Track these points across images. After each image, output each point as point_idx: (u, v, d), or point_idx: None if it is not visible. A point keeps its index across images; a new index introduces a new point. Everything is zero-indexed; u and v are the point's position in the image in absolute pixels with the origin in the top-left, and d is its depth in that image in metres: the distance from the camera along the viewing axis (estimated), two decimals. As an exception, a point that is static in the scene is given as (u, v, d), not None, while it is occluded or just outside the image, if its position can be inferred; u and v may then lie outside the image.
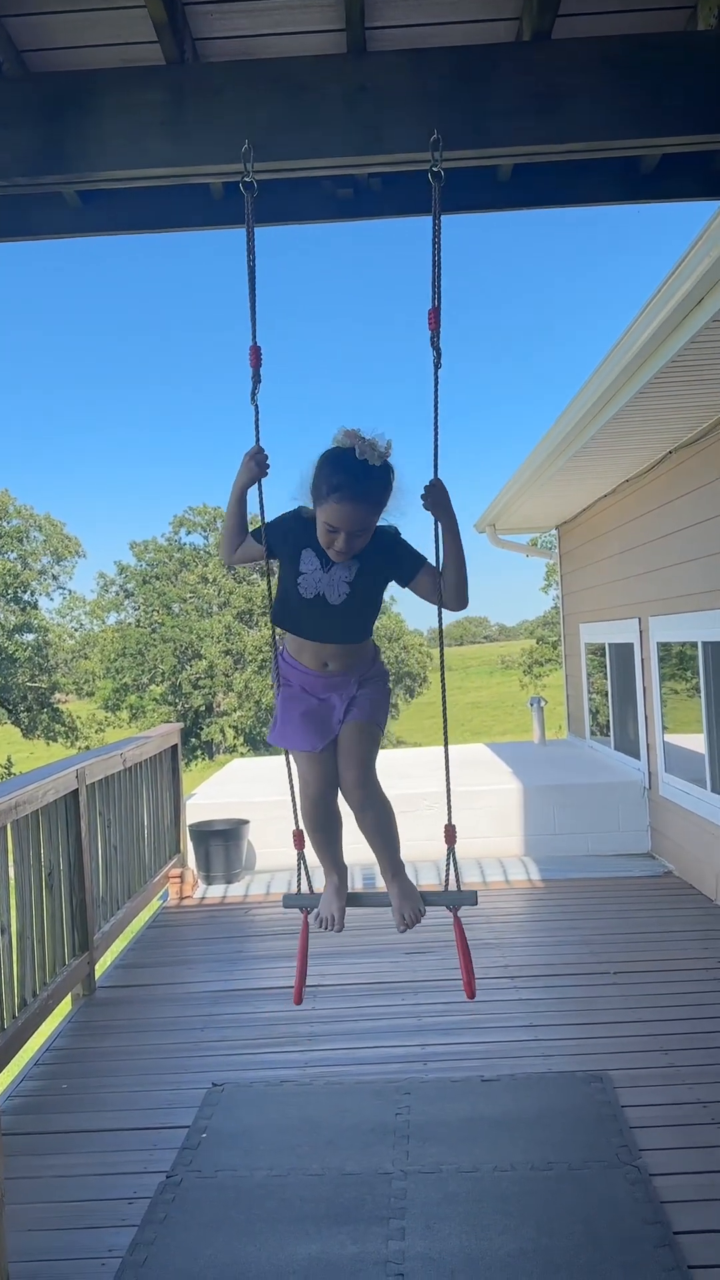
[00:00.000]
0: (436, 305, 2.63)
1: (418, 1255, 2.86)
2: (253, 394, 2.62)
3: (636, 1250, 2.83)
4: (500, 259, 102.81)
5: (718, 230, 3.56)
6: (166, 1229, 3.05)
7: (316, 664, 2.70)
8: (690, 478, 6.50)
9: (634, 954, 5.46)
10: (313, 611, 2.60)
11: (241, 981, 5.36)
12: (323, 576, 2.57)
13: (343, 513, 2.45)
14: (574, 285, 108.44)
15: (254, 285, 2.63)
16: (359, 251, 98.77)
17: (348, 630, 2.68)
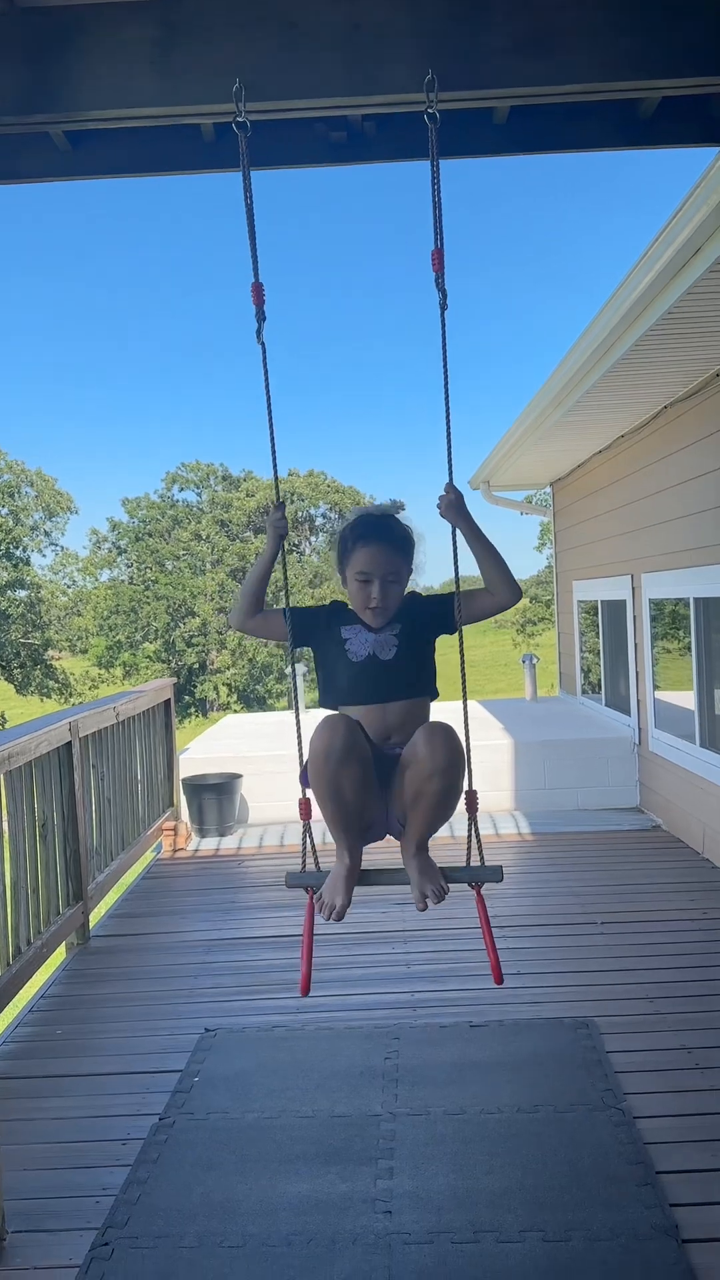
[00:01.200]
0: (439, 246, 2.59)
1: (405, 1194, 2.92)
2: (258, 332, 2.60)
3: (619, 1189, 2.90)
4: (492, 214, 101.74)
5: (716, 176, 3.51)
6: (159, 1168, 3.11)
7: (379, 738, 2.52)
8: (685, 433, 6.47)
9: (621, 905, 5.53)
10: (368, 673, 2.52)
11: (234, 931, 5.42)
12: (370, 637, 2.54)
13: (371, 555, 2.48)
14: (572, 240, 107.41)
15: (253, 224, 2.59)
16: (354, 203, 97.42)
17: (408, 685, 2.55)
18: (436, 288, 2.57)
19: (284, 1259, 2.65)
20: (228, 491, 41.36)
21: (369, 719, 2.51)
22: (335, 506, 41.71)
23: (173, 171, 3.46)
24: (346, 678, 2.54)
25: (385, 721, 2.53)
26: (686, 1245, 2.64)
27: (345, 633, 2.56)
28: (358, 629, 2.55)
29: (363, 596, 2.51)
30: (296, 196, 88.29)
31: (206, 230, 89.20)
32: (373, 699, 2.52)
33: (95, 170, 3.41)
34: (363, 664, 2.52)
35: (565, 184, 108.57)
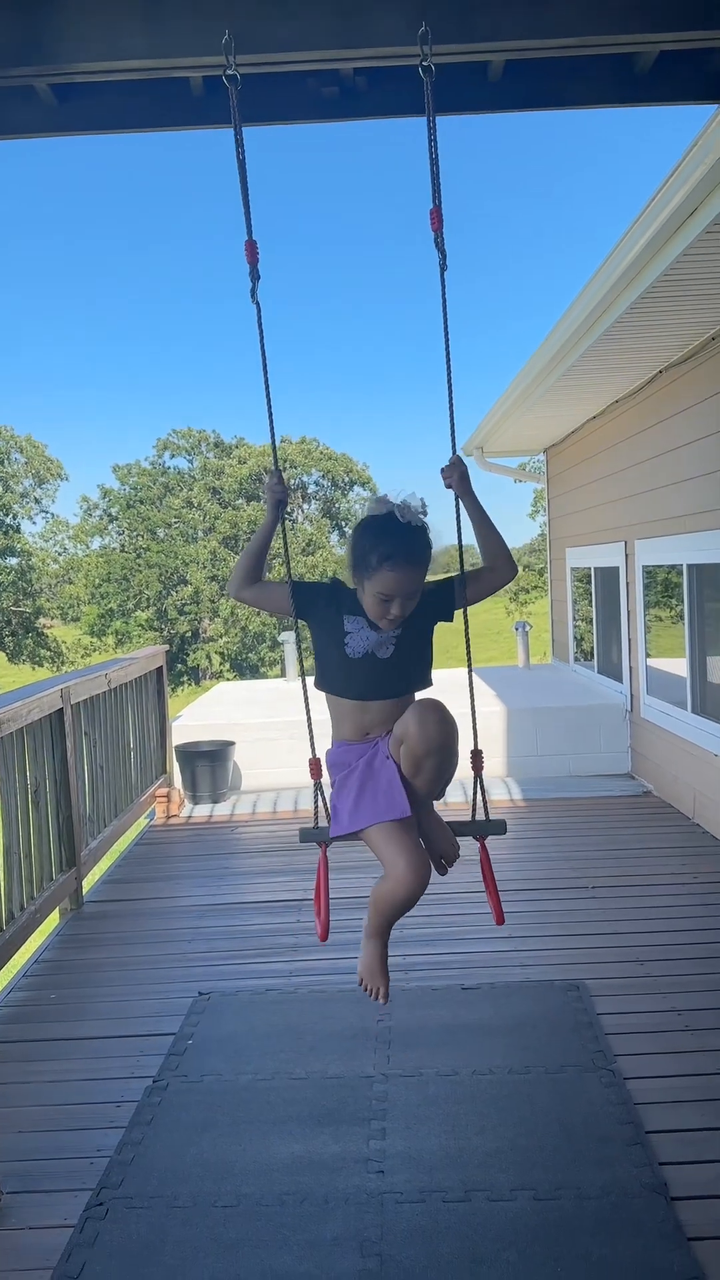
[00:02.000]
0: (438, 205, 2.54)
1: (398, 1154, 2.95)
2: (252, 291, 2.56)
3: (609, 1148, 2.93)
4: (488, 173, 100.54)
5: (714, 134, 3.45)
6: (153, 1130, 3.13)
7: (357, 733, 2.55)
8: (681, 398, 6.43)
9: (612, 870, 5.57)
10: (363, 670, 2.50)
11: (228, 896, 5.44)
12: (371, 635, 2.49)
13: (397, 580, 2.39)
14: (566, 202, 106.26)
15: (245, 181, 2.53)
16: (345, 158, 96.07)
17: (401, 683, 2.54)
18: (436, 248, 2.52)
19: (277, 1218, 2.68)
20: (219, 459, 41.08)
21: (353, 714, 2.54)
22: (328, 474, 41.50)
23: (162, 127, 3.40)
24: (341, 671, 2.52)
25: (370, 716, 2.54)
26: (675, 1203, 2.67)
27: (348, 624, 2.50)
28: (360, 622, 2.49)
29: (380, 611, 2.44)
30: (285, 157, 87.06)
31: (197, 190, 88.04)
32: (364, 696, 2.52)
33: (83, 125, 3.35)
34: (359, 661, 2.49)
35: (562, 142, 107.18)
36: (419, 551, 2.43)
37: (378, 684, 2.51)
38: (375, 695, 2.51)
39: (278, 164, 75.94)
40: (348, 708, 2.54)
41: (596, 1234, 2.56)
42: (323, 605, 2.55)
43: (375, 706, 2.52)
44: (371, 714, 2.53)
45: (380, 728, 2.53)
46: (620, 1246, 2.51)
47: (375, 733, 2.54)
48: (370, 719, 2.53)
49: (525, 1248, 2.52)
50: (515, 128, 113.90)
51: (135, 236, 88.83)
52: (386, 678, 2.51)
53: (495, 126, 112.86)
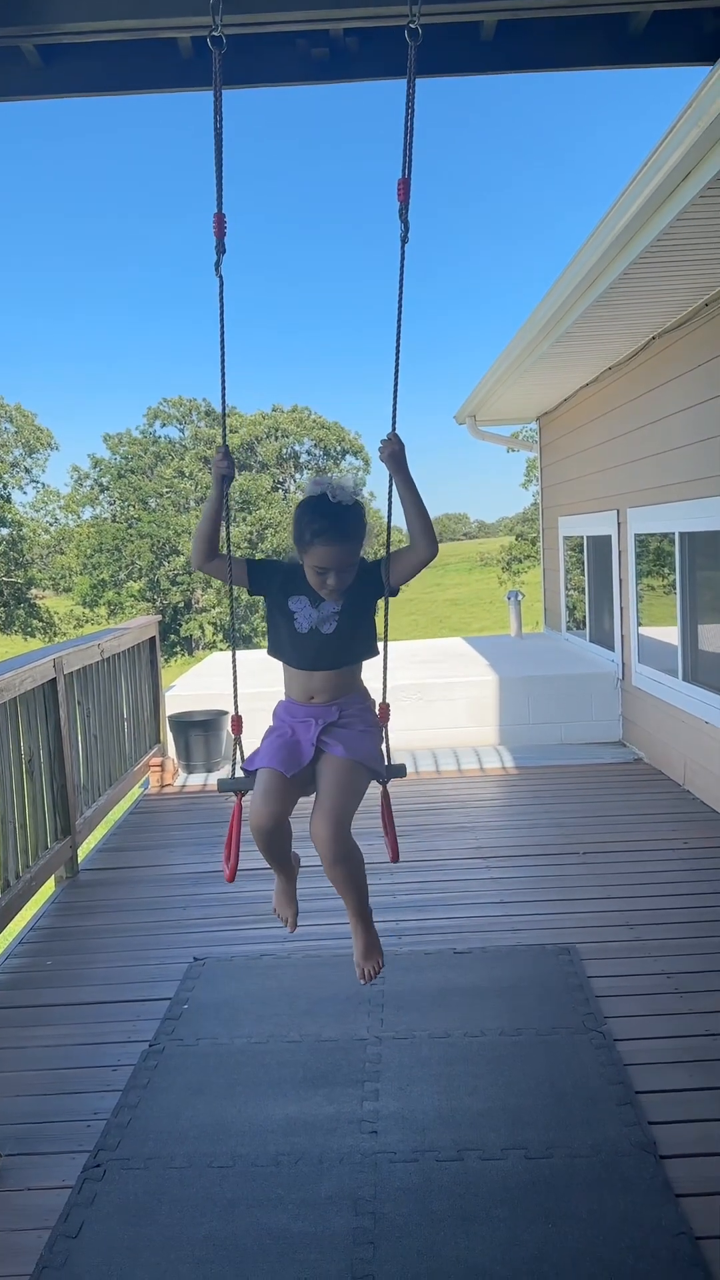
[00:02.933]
0: (407, 176, 2.53)
1: (391, 1114, 2.99)
2: (217, 265, 2.56)
3: (599, 1108, 2.98)
4: (486, 140, 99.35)
5: (708, 97, 3.42)
6: (150, 1093, 3.17)
7: (304, 696, 2.78)
8: (673, 364, 6.40)
9: (603, 836, 5.61)
10: (309, 644, 2.72)
11: (222, 863, 5.46)
12: (313, 613, 2.70)
13: (328, 554, 2.59)
14: (560, 170, 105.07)
15: (220, 150, 2.51)
16: (333, 110, 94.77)
17: (343, 655, 2.76)
18: (400, 219, 2.53)
19: (272, 1178, 2.72)
20: (211, 428, 40.86)
21: (299, 680, 2.78)
22: (320, 442, 41.32)
23: (150, 90, 3.36)
24: (289, 644, 2.75)
25: (313, 684, 2.76)
26: (664, 1160, 2.72)
27: (293, 605, 2.71)
28: (303, 601, 2.71)
29: (318, 583, 2.65)
30: (282, 117, 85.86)
31: (189, 155, 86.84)
32: (311, 666, 2.75)
33: (69, 88, 3.31)
34: (305, 636, 2.72)
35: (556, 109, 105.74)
36: (347, 528, 2.60)
37: (322, 656, 2.73)
38: (320, 666, 2.74)
39: (272, 130, 74.87)
40: (294, 674, 2.79)
41: (587, 1191, 2.61)
42: (275, 585, 2.75)
43: (320, 675, 2.75)
44: (316, 681, 2.76)
45: (323, 694, 2.76)
46: (610, 1203, 2.56)
47: (319, 698, 2.77)
48: (315, 685, 2.76)
49: (516, 1205, 2.57)
50: (514, 90, 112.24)
51: (125, 204, 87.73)
52: (330, 650, 2.73)
53: (494, 89, 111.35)
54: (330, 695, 2.77)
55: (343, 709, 2.78)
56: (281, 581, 2.74)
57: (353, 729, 2.77)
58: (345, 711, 2.78)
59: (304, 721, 2.77)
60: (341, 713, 2.77)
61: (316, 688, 2.77)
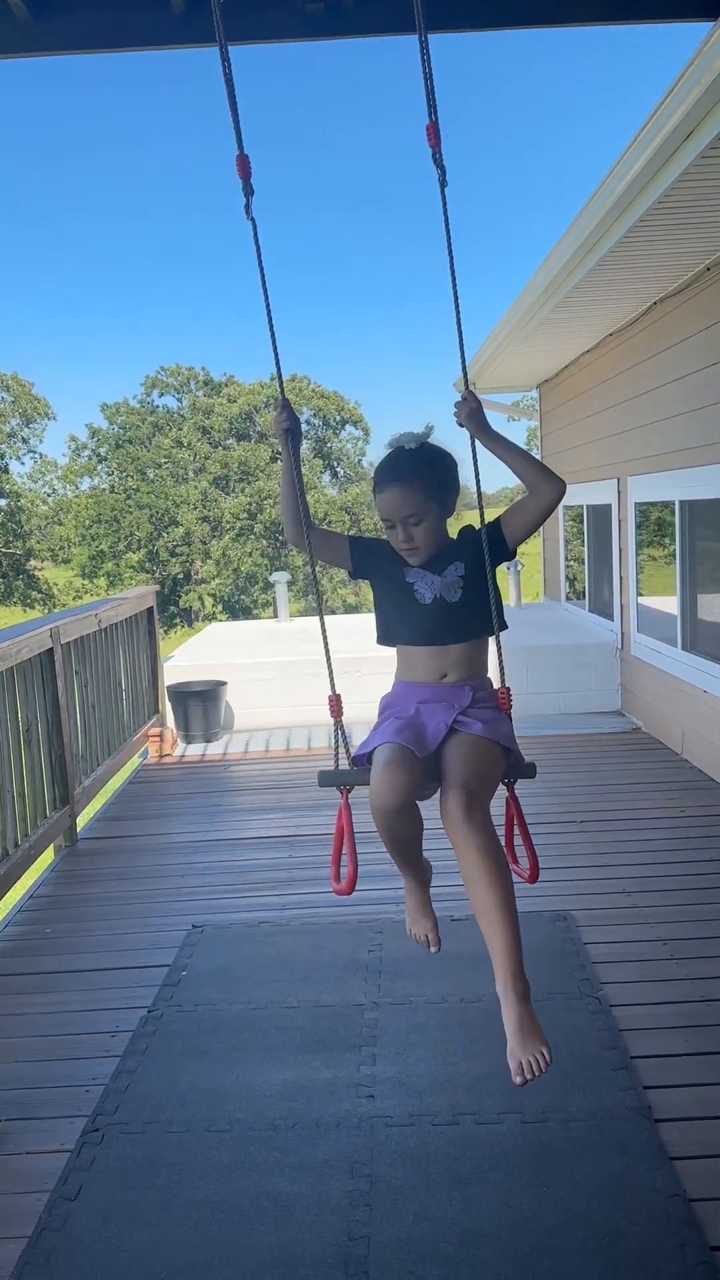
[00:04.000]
0: (434, 120, 2.43)
1: (388, 1079, 3.01)
2: (246, 207, 2.46)
3: (595, 1072, 2.99)
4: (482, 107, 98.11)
5: (710, 54, 3.35)
6: (148, 1059, 3.19)
7: (434, 676, 2.46)
8: (674, 330, 6.34)
9: (601, 804, 5.62)
10: (435, 616, 2.44)
11: (221, 832, 5.49)
12: (436, 579, 2.44)
13: (387, 501, 2.39)
14: (559, 138, 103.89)
15: (233, 94, 2.43)
16: (340, 66, 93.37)
17: (474, 624, 2.48)
18: (435, 164, 2.37)
19: (270, 1141, 2.74)
20: (209, 397, 40.61)
21: (429, 659, 2.46)
22: (319, 412, 41.07)
23: (142, 46, 3.30)
24: (413, 620, 2.46)
25: (446, 661, 2.46)
26: (658, 1124, 2.74)
27: (410, 575, 2.46)
28: (422, 571, 2.46)
29: (395, 542, 2.44)
30: (278, 79, 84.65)
31: (183, 116, 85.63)
32: (437, 641, 2.45)
33: (59, 45, 3.24)
34: (430, 607, 2.44)
35: (556, 71, 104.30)
36: (404, 470, 2.40)
37: (452, 629, 2.45)
38: (450, 639, 2.45)
39: (262, 90, 73.79)
40: (422, 655, 2.47)
41: (582, 1155, 2.63)
42: (386, 564, 2.50)
43: (454, 650, 2.46)
44: (451, 657, 2.46)
45: (456, 671, 2.45)
46: (605, 1166, 2.58)
47: (451, 675, 2.45)
48: (449, 661, 2.46)
49: (512, 1168, 2.59)
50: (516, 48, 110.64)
51: (119, 168, 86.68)
52: (459, 623, 2.46)
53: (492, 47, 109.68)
54: (463, 674, 2.46)
55: (476, 689, 2.46)
56: (392, 556, 2.48)
57: (488, 712, 2.43)
58: (479, 694, 2.45)
59: (431, 704, 2.42)
60: (474, 694, 2.45)
61: (450, 663, 2.46)
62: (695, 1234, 2.32)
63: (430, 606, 2.44)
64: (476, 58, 62.90)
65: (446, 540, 2.48)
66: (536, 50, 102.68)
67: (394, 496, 2.39)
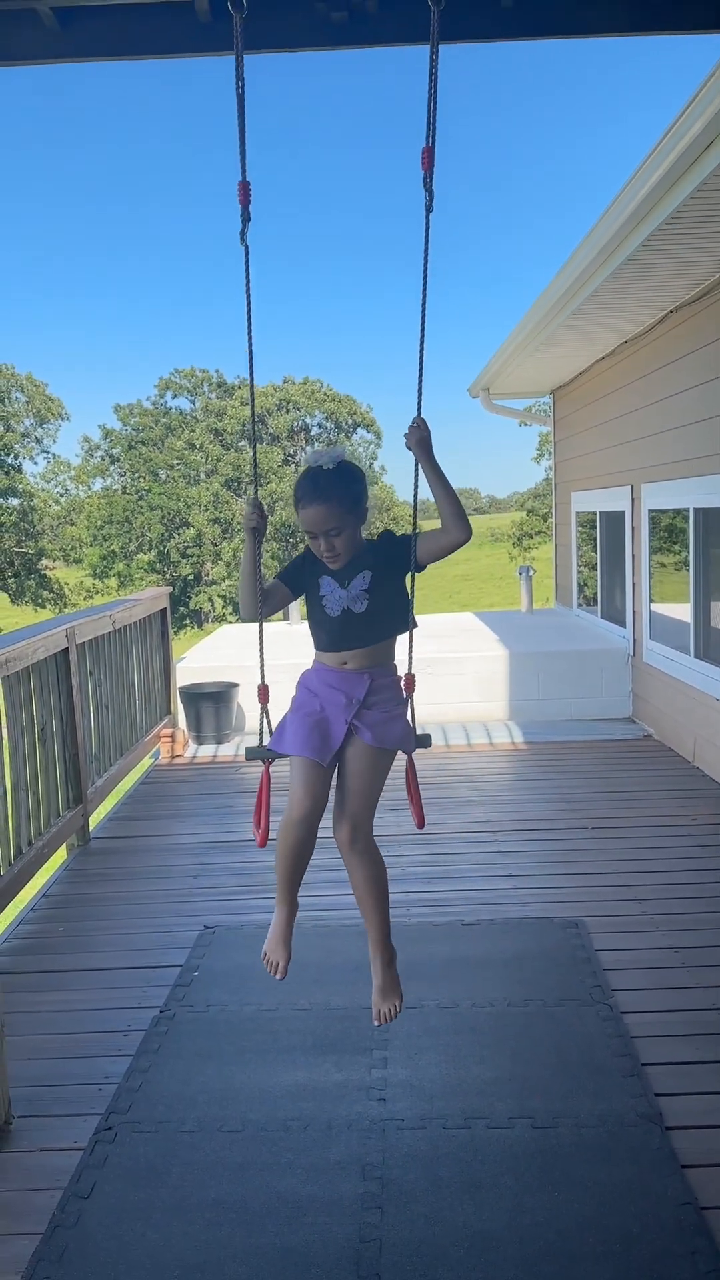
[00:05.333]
0: (431, 144, 2.50)
1: (399, 1082, 3.02)
2: (242, 233, 2.54)
3: (606, 1079, 3.00)
4: (503, 113, 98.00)
5: (732, 65, 3.37)
6: (160, 1058, 3.20)
7: (336, 663, 2.77)
8: (691, 338, 6.35)
9: (612, 811, 5.62)
10: (343, 624, 2.72)
11: (232, 834, 5.51)
12: (343, 594, 2.71)
13: (308, 515, 2.62)
14: (581, 144, 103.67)
15: (243, 116, 2.48)
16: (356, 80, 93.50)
17: (376, 630, 2.75)
18: (424, 188, 2.51)
19: (281, 1142, 2.75)
20: (222, 399, 40.69)
21: (338, 660, 2.76)
22: (331, 415, 41.11)
23: (167, 54, 3.31)
24: (325, 630, 2.76)
25: (345, 657, 2.76)
26: (670, 1131, 2.74)
27: (323, 586, 2.72)
28: (332, 583, 2.71)
29: (316, 551, 2.69)
30: (298, 86, 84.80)
31: (202, 122, 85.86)
32: (348, 646, 2.74)
33: (86, 52, 3.26)
34: (338, 619, 2.72)
35: (574, 76, 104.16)
36: (325, 488, 2.61)
37: (354, 635, 2.73)
38: (355, 644, 2.74)
39: (291, 96, 73.99)
40: (330, 656, 2.78)
41: (592, 1161, 2.64)
42: (306, 575, 2.76)
43: (361, 653, 2.75)
44: (361, 659, 2.76)
45: (355, 660, 2.75)
46: (615, 1173, 2.58)
47: (350, 664, 2.76)
48: (350, 656, 2.76)
49: (523, 1173, 2.59)
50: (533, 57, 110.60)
51: (136, 172, 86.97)
52: (364, 630, 2.72)
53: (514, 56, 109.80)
54: (361, 665, 2.76)
55: (374, 678, 2.76)
56: (309, 568, 2.75)
57: (382, 709, 2.75)
58: (376, 682, 2.76)
59: (333, 694, 2.75)
60: (372, 682, 2.75)
61: (350, 658, 2.77)
62: (706, 1242, 2.32)
63: (338, 619, 2.72)
64: (504, 63, 63.08)
65: (361, 547, 2.72)
66: (557, 60, 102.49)
67: (316, 512, 2.61)
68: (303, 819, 2.76)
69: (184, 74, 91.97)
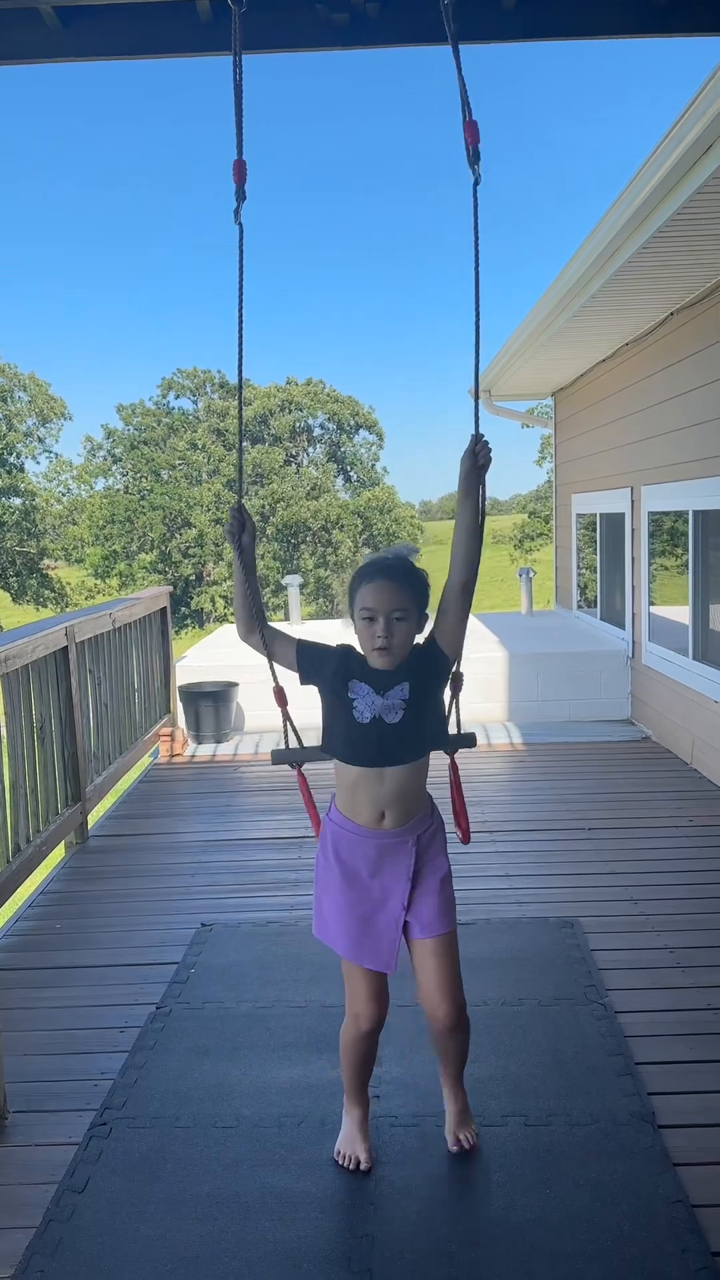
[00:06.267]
0: (471, 119, 2.34)
1: (393, 1080, 3.03)
2: (236, 212, 2.50)
3: (599, 1078, 3.01)
4: (502, 114, 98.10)
5: (732, 68, 3.38)
6: (156, 1054, 3.21)
7: (372, 817, 2.43)
8: (691, 340, 6.36)
9: (609, 812, 5.63)
10: (371, 737, 2.39)
11: (230, 832, 5.52)
12: (377, 700, 2.38)
13: (377, 590, 2.34)
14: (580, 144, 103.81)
15: (240, 96, 2.48)
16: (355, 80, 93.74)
17: (412, 746, 2.42)
18: (470, 166, 2.34)
19: (275, 1138, 2.76)
20: (224, 399, 40.73)
21: (366, 782, 2.42)
22: (334, 416, 41.14)
23: (169, 53, 3.34)
24: (349, 738, 2.42)
25: (381, 790, 2.42)
26: (662, 1130, 2.75)
27: (353, 690, 2.40)
28: (365, 689, 2.39)
29: (369, 635, 2.36)
30: (299, 85, 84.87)
31: (205, 123, 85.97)
32: (373, 763, 2.41)
33: (87, 51, 3.28)
34: (368, 727, 2.39)
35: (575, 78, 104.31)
36: (396, 570, 2.38)
37: (388, 751, 2.40)
38: (387, 761, 2.40)
39: (287, 96, 74.09)
40: (356, 775, 2.43)
41: (585, 1159, 2.64)
42: (330, 673, 2.43)
43: (390, 774, 2.41)
44: (387, 787, 2.41)
45: (395, 810, 2.43)
46: (608, 1170, 2.59)
47: (390, 819, 2.43)
48: (386, 794, 2.41)
49: (515, 1170, 2.60)
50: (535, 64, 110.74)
51: (139, 169, 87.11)
52: (395, 745, 2.40)
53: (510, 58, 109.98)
54: (402, 815, 2.44)
55: (418, 835, 2.48)
56: (338, 665, 2.42)
57: (432, 870, 2.50)
58: (422, 841, 2.48)
59: (373, 882, 2.47)
60: (417, 844, 2.47)
61: (387, 798, 2.41)
62: (697, 1239, 2.33)
63: (368, 727, 2.38)
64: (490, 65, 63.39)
65: (408, 657, 2.41)
66: (553, 58, 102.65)
67: (384, 589, 2.34)
68: (371, 1031, 2.57)
69: (189, 69, 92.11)
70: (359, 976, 2.53)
